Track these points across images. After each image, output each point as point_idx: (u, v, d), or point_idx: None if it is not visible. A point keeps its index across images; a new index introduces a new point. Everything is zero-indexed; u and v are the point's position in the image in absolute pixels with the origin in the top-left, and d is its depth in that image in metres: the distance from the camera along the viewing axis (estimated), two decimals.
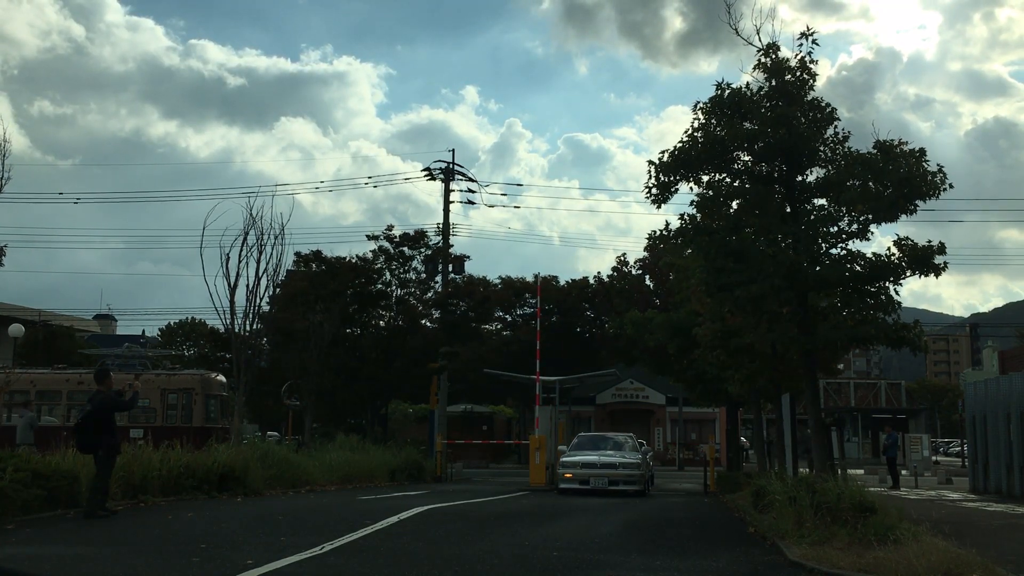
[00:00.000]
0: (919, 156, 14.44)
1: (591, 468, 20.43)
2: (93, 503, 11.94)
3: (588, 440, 23.13)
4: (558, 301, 44.38)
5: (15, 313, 39.18)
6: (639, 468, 20.58)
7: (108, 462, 12.31)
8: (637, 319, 27.85)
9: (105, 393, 12.52)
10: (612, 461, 20.55)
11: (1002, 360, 34.51)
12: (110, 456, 12.37)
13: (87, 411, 12.62)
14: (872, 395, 56.00)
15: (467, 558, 8.88)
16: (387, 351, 34.58)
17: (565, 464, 20.84)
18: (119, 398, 12.96)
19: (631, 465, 20.55)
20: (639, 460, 20.96)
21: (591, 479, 20.20)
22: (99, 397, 12.45)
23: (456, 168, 39.73)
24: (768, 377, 20.46)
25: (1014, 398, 20.87)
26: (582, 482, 20.15)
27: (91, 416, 12.35)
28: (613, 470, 20.29)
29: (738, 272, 14.40)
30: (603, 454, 21.08)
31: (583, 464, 20.56)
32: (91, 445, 12.25)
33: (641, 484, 20.42)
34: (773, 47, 15.67)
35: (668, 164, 15.28)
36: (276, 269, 20.86)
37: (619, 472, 20.30)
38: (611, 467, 20.36)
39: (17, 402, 25.39)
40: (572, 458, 21.00)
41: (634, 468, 20.47)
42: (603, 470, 20.34)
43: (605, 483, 20.03)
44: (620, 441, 22.52)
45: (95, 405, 12.41)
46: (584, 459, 20.79)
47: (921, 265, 14.40)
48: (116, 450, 12.61)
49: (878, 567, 7.92)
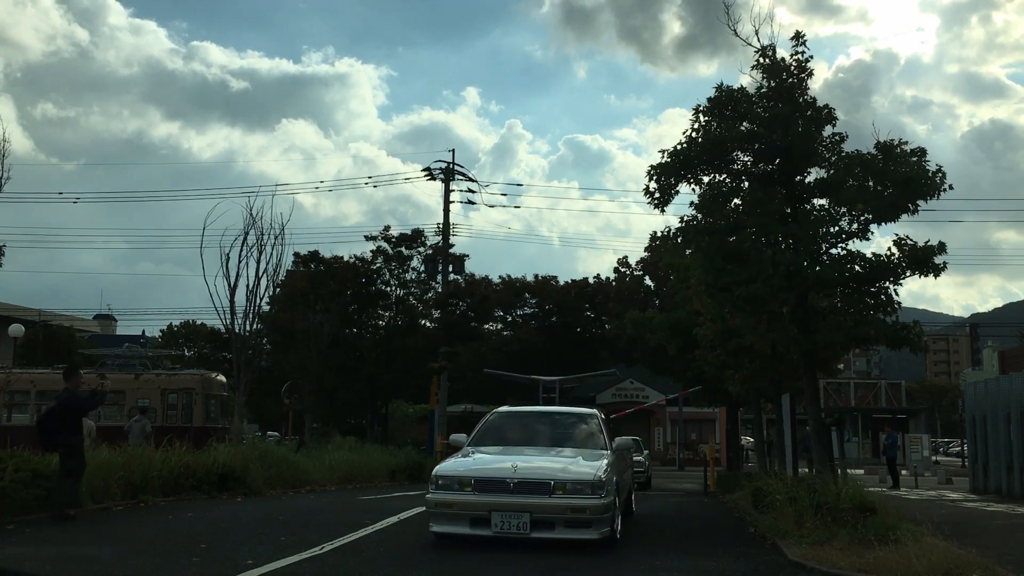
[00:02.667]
0: (920, 156, 14.46)
1: (495, 491, 9.26)
2: (58, 503, 11.60)
3: (508, 423, 11.58)
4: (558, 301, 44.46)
5: (15, 313, 39.21)
6: (601, 489, 9.25)
7: (72, 462, 11.85)
8: (637, 319, 27.87)
9: (72, 391, 12.23)
10: (542, 474, 9.44)
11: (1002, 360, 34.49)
12: (74, 456, 11.90)
13: (51, 408, 12.52)
14: (872, 395, 56.00)
15: (466, 558, 8.88)
16: (387, 351, 34.62)
17: (443, 478, 9.49)
18: (85, 396, 12.54)
19: (583, 483, 9.26)
20: (600, 471, 9.48)
21: (496, 515, 9.15)
22: (65, 395, 12.22)
23: (456, 168, 39.73)
24: (768, 377, 20.46)
25: (1014, 398, 20.87)
26: (475, 521, 9.27)
27: (54, 413, 12.10)
28: (541, 497, 9.18)
29: (738, 272, 14.40)
30: (528, 458, 10.06)
31: (480, 480, 9.38)
32: (53, 443, 11.90)
33: (606, 523, 9.39)
34: (771, 48, 15.70)
35: (667, 165, 15.28)
36: (276, 269, 20.86)
37: (555, 502, 9.16)
38: (538, 487, 9.24)
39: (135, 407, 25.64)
40: (459, 466, 9.88)
41: (589, 490, 9.21)
42: (520, 497, 9.18)
43: (524, 525, 9.09)
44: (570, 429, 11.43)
45: (60, 402, 12.24)
46: (484, 467, 9.75)
47: (921, 265, 14.40)
48: (77, 449, 12.09)
49: (878, 567, 7.92)
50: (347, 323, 34.23)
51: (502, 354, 40.68)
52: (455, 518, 9.42)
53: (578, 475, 9.45)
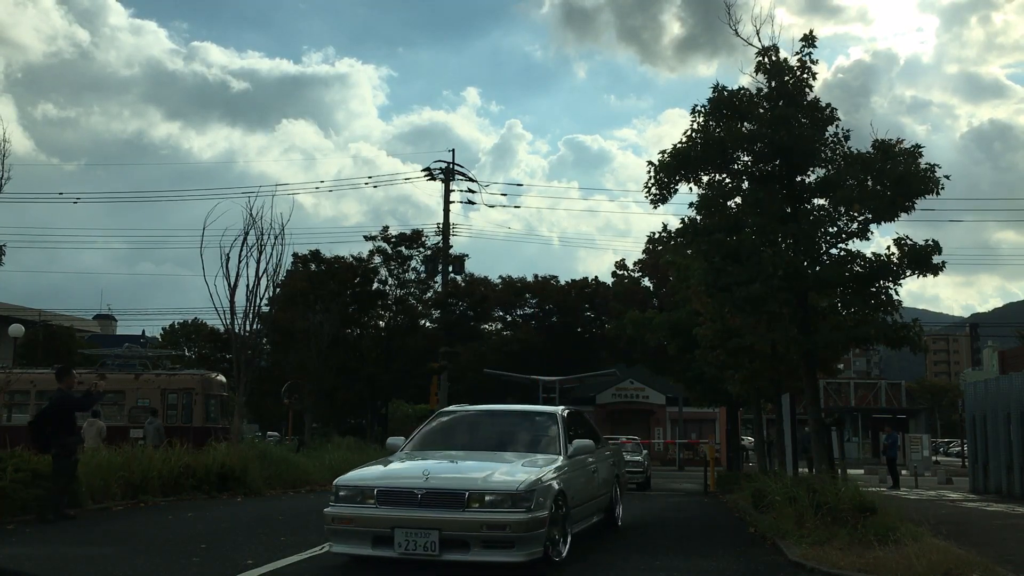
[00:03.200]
0: (915, 154, 14.46)
1: (399, 504, 7.82)
2: (46, 505, 11.47)
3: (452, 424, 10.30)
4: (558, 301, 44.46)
5: (15, 313, 39.20)
6: (527, 502, 7.69)
7: (64, 463, 11.73)
8: (637, 319, 27.86)
9: (64, 391, 12.15)
10: (456, 484, 7.93)
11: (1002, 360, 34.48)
12: (66, 456, 11.77)
13: (44, 408, 12.49)
14: (872, 395, 56.00)
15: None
16: (387, 351, 34.62)
17: (345, 488, 8.15)
18: (78, 397, 12.48)
19: (504, 493, 7.72)
20: (528, 481, 7.87)
21: (399, 532, 7.63)
22: (58, 395, 12.16)
23: (456, 168, 39.76)
24: (768, 377, 20.46)
25: (1014, 398, 20.86)
26: (378, 540, 7.74)
27: (47, 414, 12.09)
28: (454, 512, 7.64)
29: (738, 272, 14.40)
30: (449, 464, 8.78)
31: (383, 491, 7.94)
32: (45, 443, 11.80)
33: (535, 543, 7.71)
34: (773, 48, 15.69)
35: (668, 165, 15.28)
36: (276, 269, 20.83)
37: (469, 517, 7.60)
38: (450, 499, 7.73)
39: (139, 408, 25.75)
40: (366, 474, 8.46)
41: (510, 502, 7.67)
42: (429, 511, 7.68)
43: (433, 544, 7.53)
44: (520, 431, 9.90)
45: (52, 403, 12.20)
46: (390, 476, 8.33)
47: (920, 265, 14.40)
48: (72, 450, 11.96)
49: (878, 567, 7.92)
50: (347, 323, 34.22)
51: (502, 354, 40.67)
52: (355, 536, 7.84)
53: (499, 485, 7.79)
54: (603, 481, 10.55)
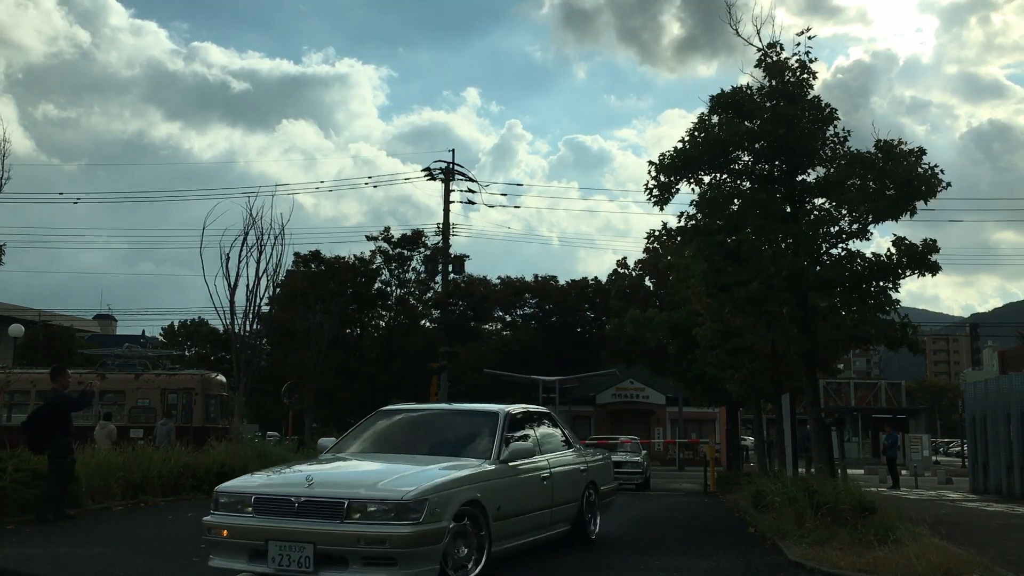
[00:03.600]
0: (919, 155, 14.47)
1: (276, 514, 6.94)
2: (45, 506, 11.43)
3: (384, 425, 9.36)
4: (558, 301, 44.45)
5: (15, 313, 39.20)
6: (415, 513, 6.66)
7: (60, 463, 11.66)
8: (637, 319, 27.85)
9: (59, 391, 12.14)
10: (336, 491, 6.92)
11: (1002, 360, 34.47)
12: (61, 456, 11.71)
13: (38, 408, 12.47)
14: (872, 395, 56.00)
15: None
16: (387, 351, 34.64)
17: (226, 495, 7.28)
18: (74, 397, 12.48)
19: (388, 503, 6.72)
20: (420, 488, 6.85)
21: (273, 545, 6.73)
22: (53, 395, 12.16)
23: (456, 168, 39.75)
24: (768, 377, 20.46)
25: (1014, 398, 20.86)
26: (255, 554, 6.84)
27: (41, 414, 12.05)
28: (331, 523, 6.68)
29: (738, 272, 14.40)
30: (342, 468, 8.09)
31: (261, 499, 7.07)
32: (40, 444, 11.77)
33: (425, 562, 6.71)
34: (774, 46, 15.70)
35: (668, 164, 15.29)
36: (276, 269, 20.82)
37: (347, 529, 6.65)
38: (328, 509, 6.76)
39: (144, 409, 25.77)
40: (250, 480, 7.76)
41: (393, 514, 6.65)
42: (305, 522, 6.77)
43: (307, 560, 6.62)
44: (452, 432, 9.03)
45: (47, 403, 12.17)
46: (272, 482, 7.51)
47: (919, 264, 14.42)
48: (68, 450, 11.89)
49: (878, 567, 7.92)
50: (347, 323, 34.25)
51: (502, 354, 40.64)
52: (232, 549, 7.02)
53: (383, 493, 6.81)
54: (564, 489, 9.24)
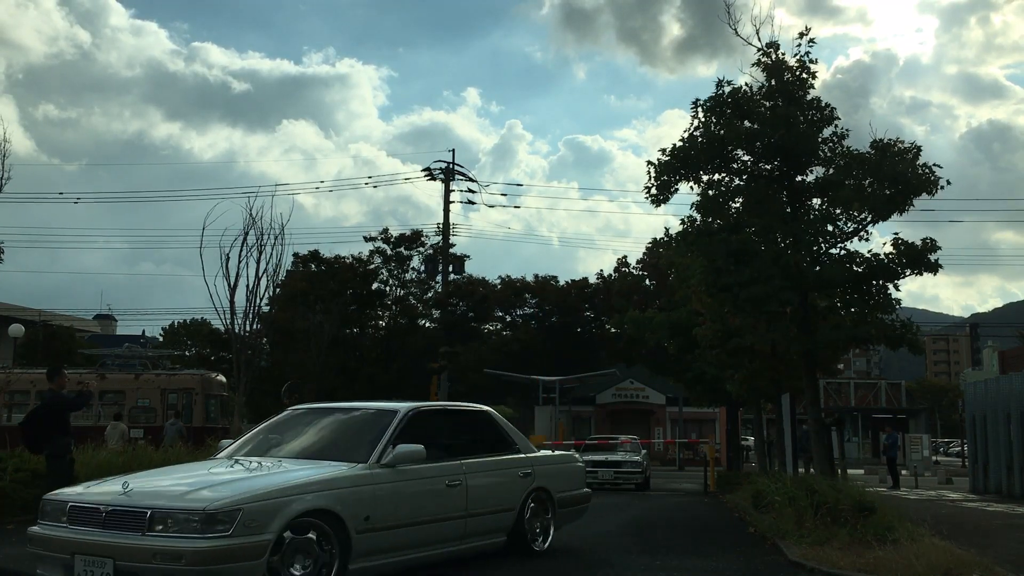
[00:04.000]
0: (915, 154, 14.48)
1: (86, 524, 6.46)
2: None
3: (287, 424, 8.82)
4: (558, 301, 44.48)
5: (15, 313, 39.19)
6: (221, 525, 6.04)
7: (58, 463, 11.48)
8: (637, 319, 27.86)
9: (56, 391, 12.02)
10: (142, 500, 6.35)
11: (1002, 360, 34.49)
12: (60, 456, 11.54)
13: (35, 408, 12.45)
14: (872, 395, 55.99)
15: (466, 558, 8.88)
16: (387, 351, 34.63)
17: (50, 503, 6.97)
18: (71, 397, 12.31)
19: (190, 512, 6.11)
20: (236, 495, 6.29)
21: (80, 560, 6.25)
22: (50, 395, 12.07)
23: (456, 168, 39.75)
24: (768, 377, 20.47)
25: (1014, 398, 20.86)
26: (67, 568, 6.38)
27: (38, 414, 12.05)
28: (133, 536, 6.15)
29: (739, 272, 14.41)
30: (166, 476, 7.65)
31: (75, 508, 6.63)
32: (38, 444, 11.65)
33: None
34: (773, 46, 15.70)
35: (668, 163, 15.30)
36: (276, 269, 20.85)
37: (147, 543, 6.06)
38: (131, 520, 6.23)
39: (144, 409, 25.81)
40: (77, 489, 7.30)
41: (197, 525, 6.03)
42: (109, 534, 6.27)
43: None
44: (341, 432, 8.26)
45: (44, 403, 12.15)
46: (90, 490, 7.04)
47: (918, 263, 14.43)
48: (66, 450, 11.72)
49: (878, 567, 7.92)
50: (347, 323, 34.25)
51: (502, 354, 40.65)
52: (49, 563, 6.51)
53: (188, 503, 6.14)
54: (489, 496, 8.38)
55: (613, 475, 23.43)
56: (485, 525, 8.38)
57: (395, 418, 7.94)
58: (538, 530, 9.11)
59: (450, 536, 7.95)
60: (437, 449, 8.01)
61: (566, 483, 9.69)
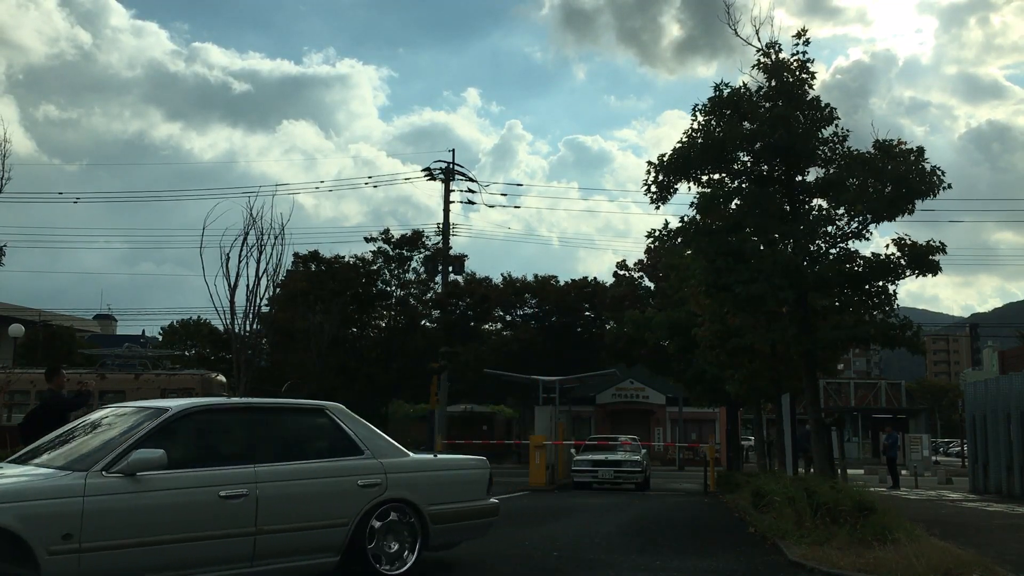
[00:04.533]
0: (918, 155, 14.48)
1: None
2: None
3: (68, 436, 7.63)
4: (558, 301, 44.45)
5: (15, 313, 39.22)
6: None
7: None
8: (637, 319, 27.89)
9: (55, 391, 12.03)
10: None
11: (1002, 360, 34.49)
12: None
13: (33, 409, 12.44)
14: (872, 395, 56.00)
15: (467, 558, 8.88)
16: (387, 351, 34.60)
17: None
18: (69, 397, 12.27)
19: None
20: None
21: None
22: (48, 395, 12.10)
23: (456, 168, 39.80)
24: (768, 377, 20.47)
25: (1014, 398, 20.87)
26: None
27: (36, 414, 12.05)
28: None
29: (738, 272, 14.41)
30: None
31: None
32: None
33: None
34: (773, 46, 15.71)
35: (667, 164, 15.31)
36: (276, 269, 20.82)
37: None
38: None
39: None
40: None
41: None
42: None
43: None
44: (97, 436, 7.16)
45: (43, 403, 12.15)
46: None
47: (919, 264, 14.42)
48: None
49: (878, 567, 7.92)
50: (347, 323, 34.22)
51: (502, 354, 40.59)
52: None
53: None
54: (300, 510, 7.25)
55: (613, 475, 23.45)
56: (293, 543, 7.12)
57: (154, 419, 6.93)
58: (393, 549, 7.70)
59: (229, 556, 6.75)
60: (222, 454, 7.13)
61: (447, 495, 8.23)
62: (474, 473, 8.73)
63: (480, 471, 8.79)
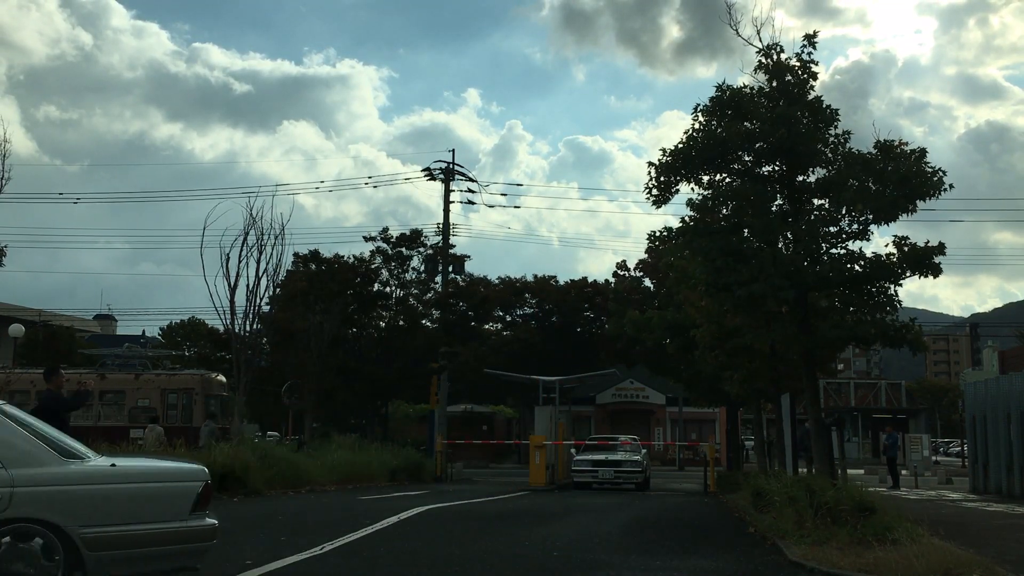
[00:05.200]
0: (920, 156, 14.47)
1: None
2: None
3: None
4: (558, 301, 44.43)
5: (15, 313, 39.23)
6: None
7: None
8: (637, 319, 27.85)
9: (53, 392, 12.09)
10: None
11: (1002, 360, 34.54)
12: None
13: (32, 409, 12.45)
14: (872, 395, 56.01)
15: (467, 558, 8.89)
16: (387, 351, 34.56)
17: None
18: (68, 397, 12.38)
19: None
20: None
21: None
22: (47, 395, 12.12)
23: (456, 168, 39.77)
24: (767, 377, 20.46)
25: (1014, 398, 20.86)
26: None
27: (35, 414, 12.04)
28: None
29: (738, 272, 14.40)
30: None
31: None
32: None
33: None
34: (774, 47, 15.69)
35: (668, 164, 15.29)
36: (276, 269, 20.90)
37: None
38: None
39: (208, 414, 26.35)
40: None
41: None
42: None
43: None
44: None
45: (41, 403, 12.15)
46: None
47: (920, 265, 14.41)
48: None
49: (878, 567, 7.92)
50: (347, 323, 34.18)
51: (502, 354, 40.55)
52: None
53: None
54: None
55: (613, 475, 23.46)
56: None
57: None
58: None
59: None
60: None
61: (119, 515, 6.40)
62: (168, 487, 6.82)
63: (179, 484, 6.89)
